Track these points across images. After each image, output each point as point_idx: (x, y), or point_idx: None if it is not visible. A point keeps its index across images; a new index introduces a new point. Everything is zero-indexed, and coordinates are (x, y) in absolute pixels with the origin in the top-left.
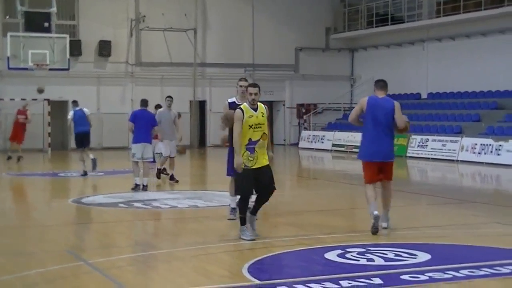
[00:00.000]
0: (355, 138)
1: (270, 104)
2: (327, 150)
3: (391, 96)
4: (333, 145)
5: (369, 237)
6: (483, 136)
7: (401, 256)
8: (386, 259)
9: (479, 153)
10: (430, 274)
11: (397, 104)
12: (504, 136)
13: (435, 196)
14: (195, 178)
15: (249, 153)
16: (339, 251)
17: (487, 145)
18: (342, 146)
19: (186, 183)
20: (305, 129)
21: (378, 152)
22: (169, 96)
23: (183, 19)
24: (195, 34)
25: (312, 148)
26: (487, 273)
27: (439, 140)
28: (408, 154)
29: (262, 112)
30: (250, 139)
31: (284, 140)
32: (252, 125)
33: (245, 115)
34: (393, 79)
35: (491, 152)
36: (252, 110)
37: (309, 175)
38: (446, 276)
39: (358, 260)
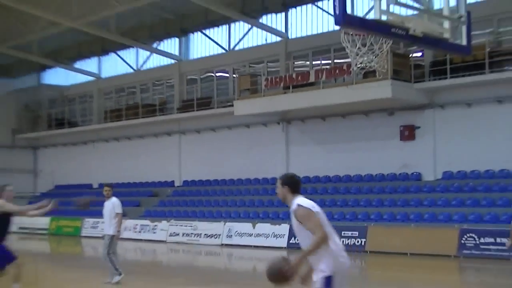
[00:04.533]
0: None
1: None
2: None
3: (68, 186)
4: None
5: None
6: (142, 218)
7: None
8: None
9: (139, 231)
10: None
11: None
12: (158, 218)
13: (102, 268)
14: None
15: None
16: None
17: (145, 225)
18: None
19: None
20: None
21: None
22: None
23: None
24: None
25: None
26: None
27: None
28: (82, 234)
29: None
30: None
31: None
32: None
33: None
34: (68, 172)
35: (149, 231)
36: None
37: None
38: None
39: None
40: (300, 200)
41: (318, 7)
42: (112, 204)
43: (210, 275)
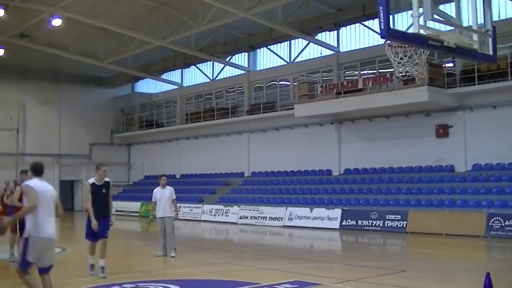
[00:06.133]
0: (131, 206)
1: (71, 182)
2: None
3: (156, 177)
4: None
5: (142, 274)
6: (217, 204)
7: None
8: None
9: (214, 215)
10: None
11: None
12: (230, 203)
13: (184, 245)
14: None
15: None
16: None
17: (219, 209)
18: (122, 211)
19: None
20: None
21: None
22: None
23: (8, 122)
24: (17, 132)
25: None
26: None
27: (188, 207)
28: None
29: None
30: None
31: (82, 207)
32: None
33: None
34: (156, 165)
35: (222, 214)
36: None
37: None
38: None
39: None
40: (31, 181)
41: (364, 25)
42: (171, 192)
43: (273, 251)
